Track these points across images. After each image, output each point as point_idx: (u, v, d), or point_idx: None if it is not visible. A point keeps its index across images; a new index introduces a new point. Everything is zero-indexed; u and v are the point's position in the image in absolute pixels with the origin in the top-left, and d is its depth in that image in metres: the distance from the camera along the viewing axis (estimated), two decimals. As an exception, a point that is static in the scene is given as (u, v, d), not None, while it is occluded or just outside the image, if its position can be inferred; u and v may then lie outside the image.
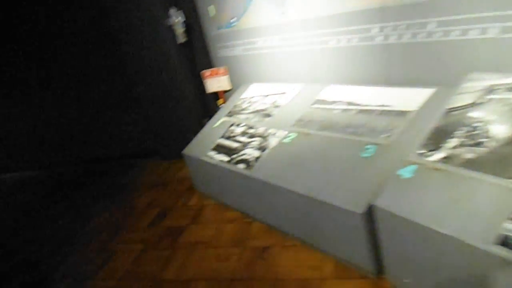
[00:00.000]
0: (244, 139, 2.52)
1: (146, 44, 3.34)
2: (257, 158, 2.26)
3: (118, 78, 3.80)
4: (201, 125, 3.62)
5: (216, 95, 3.55)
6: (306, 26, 2.59)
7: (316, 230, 1.89)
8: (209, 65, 3.47)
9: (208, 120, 3.65)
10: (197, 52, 3.44)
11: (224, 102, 3.50)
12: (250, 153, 2.35)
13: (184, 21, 3.15)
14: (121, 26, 3.34)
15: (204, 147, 2.72)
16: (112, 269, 2.29)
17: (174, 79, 3.45)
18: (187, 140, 3.74)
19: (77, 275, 2.33)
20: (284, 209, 2.05)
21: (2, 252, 2.88)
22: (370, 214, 1.55)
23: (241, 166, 2.28)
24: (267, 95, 2.89)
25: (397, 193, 1.49)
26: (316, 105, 2.43)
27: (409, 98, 2.05)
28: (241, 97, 3.09)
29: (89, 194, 3.56)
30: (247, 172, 2.21)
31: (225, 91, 3.51)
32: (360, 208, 1.54)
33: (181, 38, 3.19)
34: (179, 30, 3.15)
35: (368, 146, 1.85)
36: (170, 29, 3.19)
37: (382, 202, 1.49)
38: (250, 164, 2.25)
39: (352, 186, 1.69)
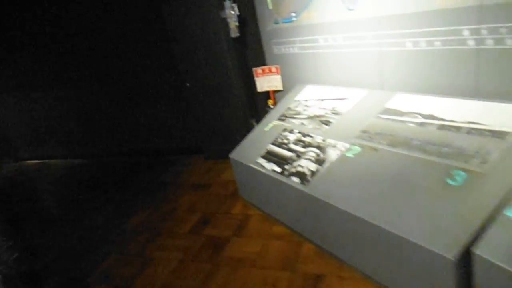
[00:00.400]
0: (298, 148, 2.27)
1: (198, 37, 3.17)
2: (314, 172, 2.00)
3: (168, 71, 3.69)
4: (247, 126, 3.43)
5: (266, 95, 3.32)
6: (378, 24, 2.28)
7: (384, 265, 1.61)
8: (262, 62, 3.25)
9: (255, 121, 3.45)
10: (250, 48, 3.22)
11: (274, 103, 3.27)
12: (305, 165, 2.09)
13: (239, 14, 2.93)
14: (173, 17, 3.19)
15: (253, 152, 2.50)
16: (150, 278, 2.14)
17: (224, 75, 3.27)
18: (232, 141, 3.56)
19: (113, 280, 2.21)
20: (344, 235, 1.79)
21: (40, 245, 2.85)
22: (465, 261, 1.25)
23: (295, 180, 2.03)
24: (325, 100, 2.61)
25: (504, 238, 1.18)
26: (384, 116, 2.12)
27: (507, 116, 1.69)
28: (295, 99, 2.84)
29: (129, 189, 3.48)
30: (301, 188, 1.96)
31: (276, 91, 3.27)
32: (453, 253, 1.25)
33: (234, 32, 2.98)
34: (233, 23, 2.94)
35: (457, 172, 1.54)
36: (224, 22, 2.99)
37: (484, 249, 1.19)
38: (306, 178, 2.00)
39: (440, 221, 1.39)
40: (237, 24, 2.91)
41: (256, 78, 3.27)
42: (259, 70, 3.22)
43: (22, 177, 4.75)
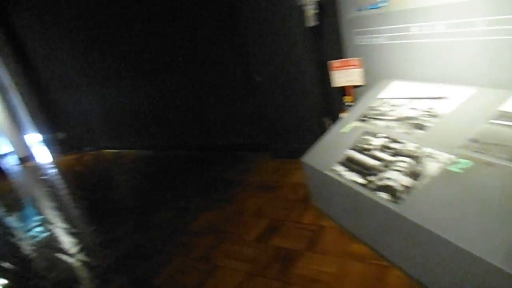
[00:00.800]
0: (385, 156, 1.95)
1: (270, 26, 2.95)
2: (408, 188, 1.68)
3: (237, 63, 3.54)
4: (320, 125, 3.15)
5: (343, 91, 3.00)
6: (495, 7, 1.84)
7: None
8: (339, 54, 2.92)
9: (329, 120, 3.15)
10: (328, 39, 2.91)
11: (352, 100, 2.93)
12: (396, 178, 1.77)
13: (317, 1, 2.64)
14: (244, 6, 3.01)
15: (329, 157, 2.23)
16: (214, 288, 2.01)
17: (297, 68, 3.02)
18: (302, 140, 3.31)
19: (176, 285, 2.12)
20: (445, 268, 1.45)
21: (111, 238, 2.90)
22: None
23: (383, 195, 1.73)
24: (417, 98, 2.23)
25: None
26: (499, 121, 1.70)
27: None
28: (379, 97, 2.49)
29: (196, 186, 3.43)
30: (392, 206, 1.65)
31: (354, 86, 2.93)
32: None
33: (311, 21, 2.70)
34: (310, 11, 2.67)
35: None
36: (299, 10, 2.72)
37: None
38: (397, 195, 1.68)
39: None
40: (315, 11, 2.62)
41: (332, 72, 2.96)
42: (336, 63, 2.90)
43: (100, 166, 5.02)
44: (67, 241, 3.05)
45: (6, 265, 2.89)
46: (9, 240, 3.33)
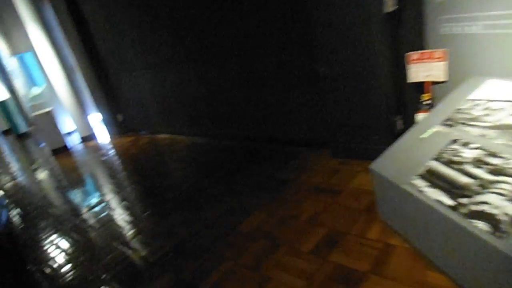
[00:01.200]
0: (481, 173, 1.60)
1: (342, 10, 2.63)
2: (516, 219, 1.34)
3: (300, 51, 3.26)
4: (390, 124, 2.80)
5: (419, 87, 2.61)
6: None
7: None
8: (420, 45, 2.53)
9: (400, 120, 2.79)
10: (408, 26, 2.53)
11: (430, 99, 2.55)
12: (497, 204, 1.43)
13: (399, -17, 2.28)
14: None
15: (406, 167, 1.91)
16: (265, 304, 1.84)
17: (368, 59, 2.68)
18: (366, 140, 2.98)
19: (225, 294, 1.98)
20: None
21: (161, 229, 2.84)
22: None
23: (480, 224, 1.40)
24: (523, 102, 1.82)
25: None
26: None
27: None
28: (470, 97, 2.09)
29: (247, 182, 3.26)
30: (492, 240, 1.33)
31: (434, 83, 2.54)
32: None
33: (390, 5, 2.34)
34: (389, -6, 2.31)
35: None
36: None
37: None
38: (499, 226, 1.35)
39: None
40: (396, -5, 2.27)
41: (409, 66, 2.58)
42: (415, 55, 2.52)
43: (153, 151, 5.06)
44: (120, 227, 3.06)
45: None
46: (68, 218, 3.44)
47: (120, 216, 3.29)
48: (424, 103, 2.57)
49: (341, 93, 2.95)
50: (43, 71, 6.39)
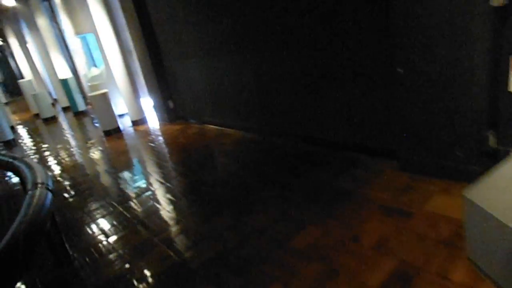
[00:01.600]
0: None
1: (436, 3, 2.22)
2: None
3: (376, 47, 2.87)
4: (480, 140, 2.36)
5: (527, 99, 2.14)
6: None
7: None
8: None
9: (493, 135, 2.33)
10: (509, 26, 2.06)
11: (543, 114, 2.06)
12: None
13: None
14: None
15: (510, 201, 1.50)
16: None
17: (462, 61, 2.25)
18: (449, 156, 2.55)
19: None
20: None
21: (205, 231, 2.64)
22: None
23: None
24: None
25: None
26: None
27: None
28: None
29: (301, 189, 2.95)
30: None
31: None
32: None
33: (503, -2, 1.89)
34: (505, -17, 1.86)
35: None
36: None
37: None
38: None
39: None
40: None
41: (515, 71, 2.11)
42: (526, 59, 2.04)
43: (202, 142, 4.91)
44: (163, 221, 2.92)
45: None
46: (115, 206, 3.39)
47: (164, 210, 3.16)
48: (532, 119, 2.10)
49: (421, 98, 2.53)
50: (103, 53, 6.50)
